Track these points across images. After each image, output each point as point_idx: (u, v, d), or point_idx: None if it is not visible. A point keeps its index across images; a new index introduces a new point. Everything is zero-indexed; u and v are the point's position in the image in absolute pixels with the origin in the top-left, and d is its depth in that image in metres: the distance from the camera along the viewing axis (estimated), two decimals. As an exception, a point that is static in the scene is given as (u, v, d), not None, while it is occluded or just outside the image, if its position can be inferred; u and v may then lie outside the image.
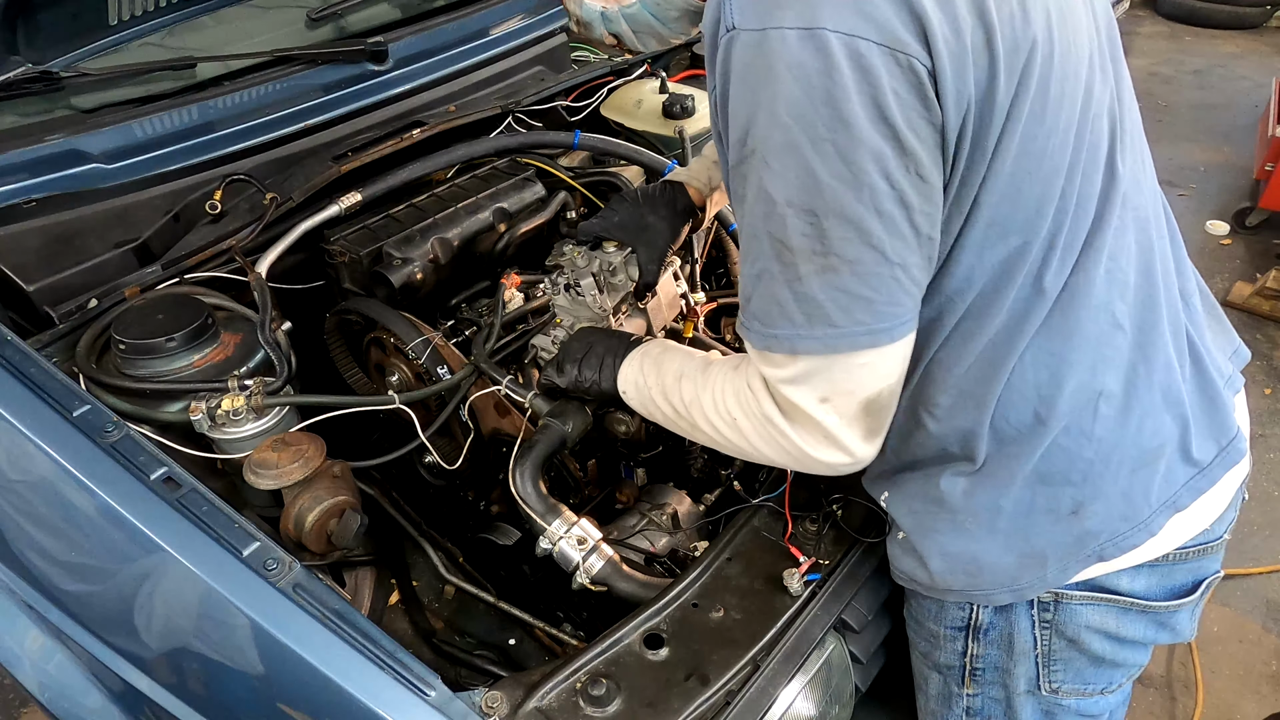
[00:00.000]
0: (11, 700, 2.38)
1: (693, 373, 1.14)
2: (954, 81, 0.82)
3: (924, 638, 1.22)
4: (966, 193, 0.90)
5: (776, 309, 0.91)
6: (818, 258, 0.86)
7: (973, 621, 1.14)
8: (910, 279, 0.89)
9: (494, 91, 2.17)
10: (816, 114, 0.80)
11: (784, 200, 0.85)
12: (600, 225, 1.46)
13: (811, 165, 0.82)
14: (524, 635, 1.49)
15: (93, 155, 1.65)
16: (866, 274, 0.86)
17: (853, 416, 0.95)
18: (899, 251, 0.86)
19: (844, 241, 0.85)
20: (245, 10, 1.98)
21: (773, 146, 0.84)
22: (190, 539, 1.08)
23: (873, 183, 0.82)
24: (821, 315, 0.88)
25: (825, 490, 1.35)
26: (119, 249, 1.63)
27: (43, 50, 1.69)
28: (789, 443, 0.99)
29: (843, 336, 0.89)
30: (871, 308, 0.88)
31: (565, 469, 1.54)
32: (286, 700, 1.06)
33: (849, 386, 0.93)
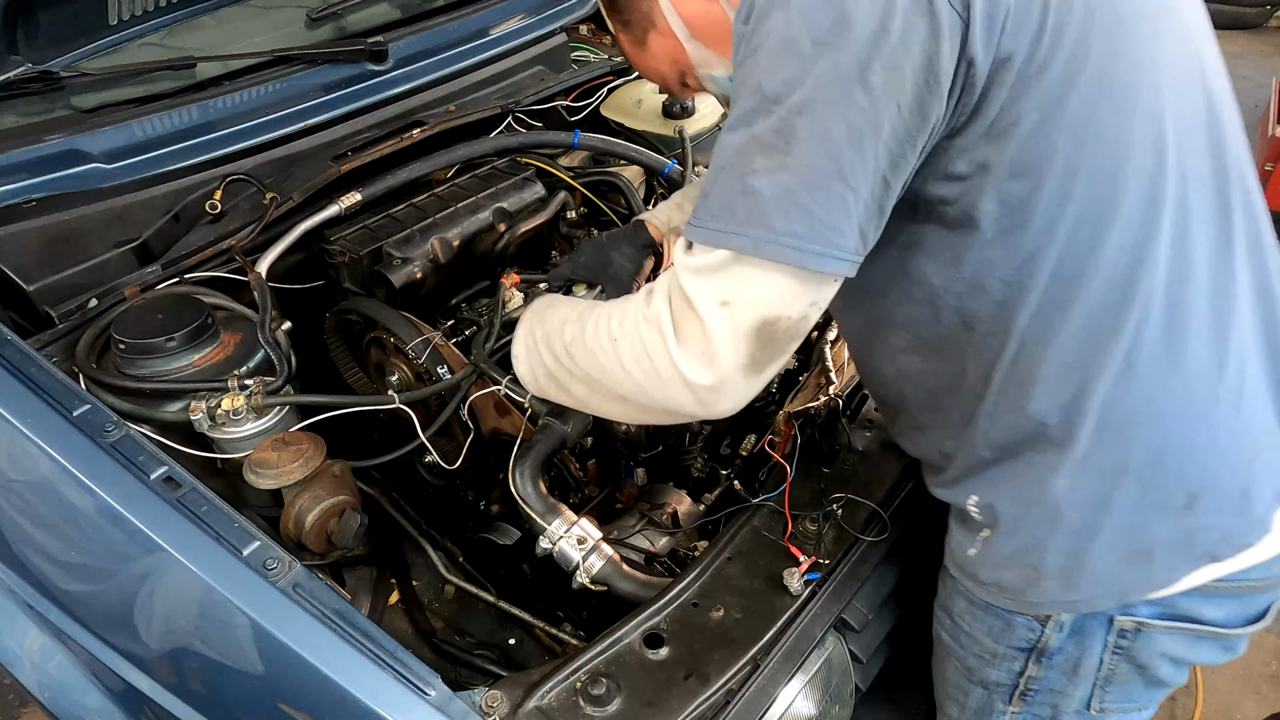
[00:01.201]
0: (11, 700, 2.38)
1: (576, 316, 1.12)
2: (984, 25, 0.81)
3: (975, 654, 1.17)
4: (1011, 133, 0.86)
5: (722, 202, 0.89)
6: (777, 155, 0.84)
7: (1040, 643, 1.09)
8: (857, 208, 0.86)
9: (494, 91, 2.17)
10: (823, 16, 0.81)
11: (769, 94, 0.84)
12: (569, 269, 1.54)
13: (803, 63, 0.82)
14: (524, 635, 1.49)
15: (93, 155, 1.65)
16: (816, 184, 0.84)
17: (743, 333, 0.91)
18: (854, 172, 0.84)
19: (807, 149, 0.83)
20: (245, 10, 1.98)
21: (773, 42, 0.84)
22: (190, 539, 1.08)
23: (851, 93, 0.81)
24: (759, 213, 0.86)
25: (825, 490, 1.35)
26: (119, 249, 1.63)
27: (43, 50, 1.68)
28: (662, 352, 0.95)
29: (771, 242, 0.86)
30: (811, 222, 0.85)
31: (565, 469, 1.54)
32: (286, 700, 1.06)
33: (753, 297, 0.89)
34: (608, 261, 1.52)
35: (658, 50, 1.18)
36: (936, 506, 1.43)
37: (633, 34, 1.19)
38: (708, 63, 1.16)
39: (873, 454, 1.43)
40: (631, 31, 1.18)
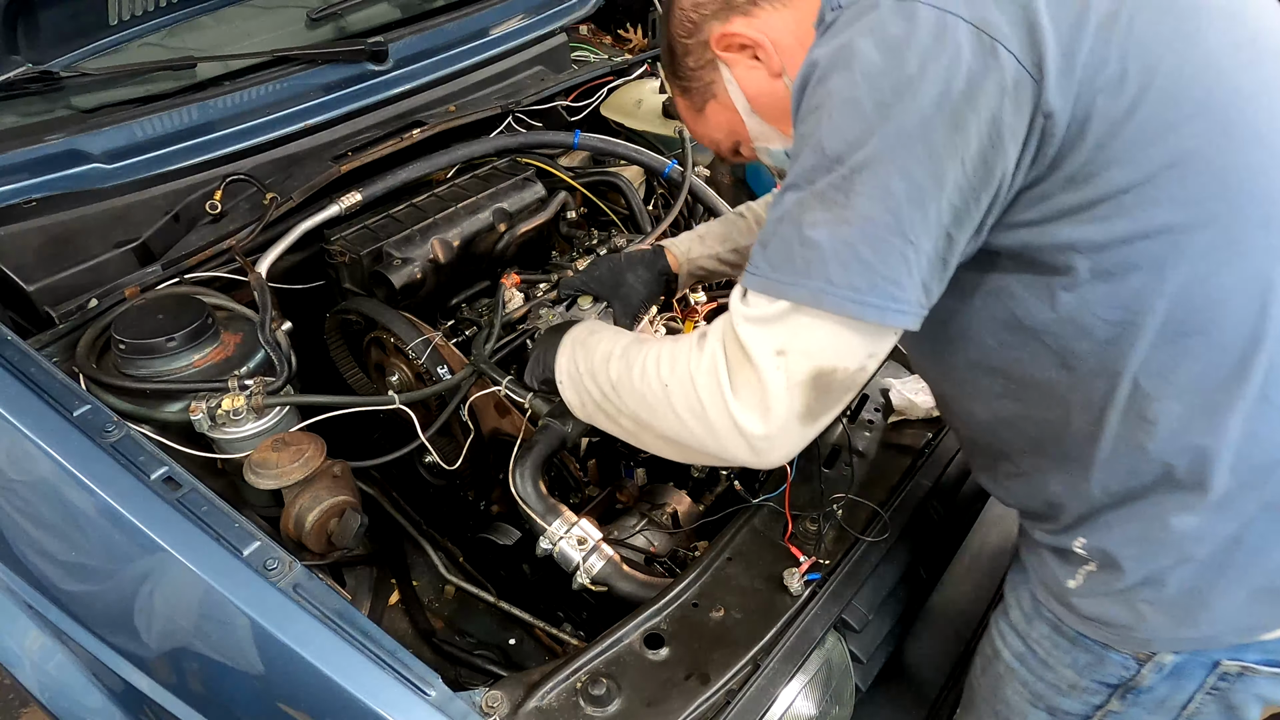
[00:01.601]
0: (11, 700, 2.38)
1: (620, 351, 1.12)
2: (1060, 78, 0.81)
3: (1049, 681, 1.14)
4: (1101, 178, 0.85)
5: (781, 252, 0.89)
6: (837, 208, 0.85)
7: (1132, 681, 1.07)
8: (918, 263, 0.86)
9: (494, 91, 2.17)
10: (887, 76, 0.82)
11: (830, 152, 0.85)
12: (581, 280, 1.54)
13: (865, 122, 0.83)
14: (524, 635, 1.49)
15: (93, 155, 1.65)
16: (876, 238, 0.84)
17: (798, 383, 0.90)
18: (914, 227, 0.84)
19: (868, 203, 0.84)
20: (245, 10, 1.98)
21: (838, 99, 0.85)
22: (190, 539, 1.08)
23: (913, 151, 0.82)
24: (820, 267, 0.86)
25: (825, 490, 1.35)
26: (119, 249, 1.63)
27: (43, 50, 1.68)
28: (716, 401, 0.94)
29: (829, 293, 0.86)
30: (870, 275, 0.85)
31: (565, 469, 1.54)
32: (286, 700, 1.06)
33: (810, 347, 0.89)
34: (621, 281, 1.51)
35: (715, 120, 1.19)
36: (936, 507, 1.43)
37: (691, 100, 1.19)
38: (766, 137, 1.17)
39: (873, 454, 1.44)
40: (690, 98, 1.19)
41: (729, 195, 2.21)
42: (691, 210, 2.05)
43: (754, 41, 1.07)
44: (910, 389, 1.53)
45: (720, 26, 1.08)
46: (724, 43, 1.09)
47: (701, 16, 1.10)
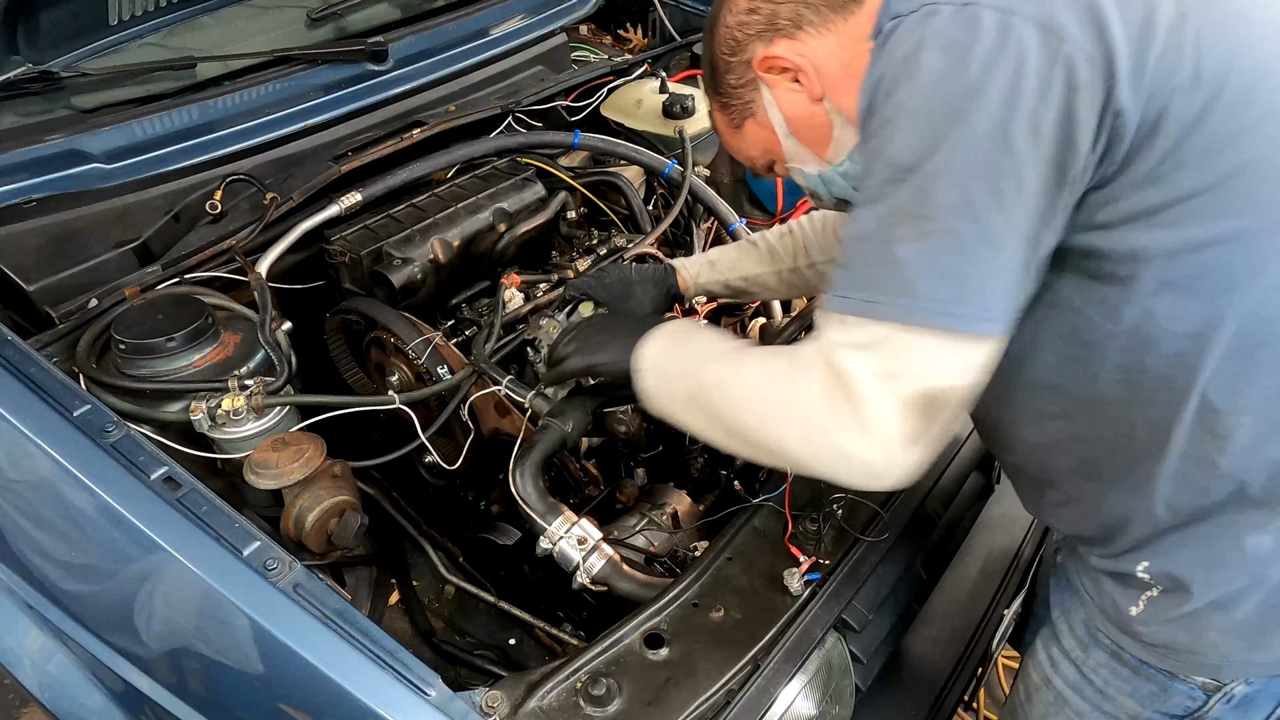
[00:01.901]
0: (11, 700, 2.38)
1: (728, 354, 1.07)
2: (1131, 76, 0.80)
3: (1106, 711, 1.13)
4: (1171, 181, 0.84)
5: (866, 272, 0.87)
6: (921, 223, 0.83)
7: (1198, 713, 1.05)
8: (1008, 268, 0.84)
9: (494, 91, 2.17)
10: (953, 82, 0.81)
11: (903, 164, 0.84)
12: (589, 284, 1.52)
13: (937, 129, 0.82)
14: (524, 635, 1.49)
15: (93, 155, 1.65)
16: (964, 249, 0.82)
17: (905, 405, 0.86)
18: (1001, 234, 0.82)
19: (950, 214, 0.82)
20: (245, 10, 1.98)
21: (906, 111, 0.84)
22: (190, 539, 1.08)
23: (990, 156, 0.81)
24: (908, 284, 0.83)
25: (825, 490, 1.35)
26: (119, 249, 1.63)
27: (43, 50, 1.68)
28: (820, 429, 0.90)
29: (922, 310, 0.83)
30: (960, 286, 0.83)
31: (565, 469, 1.54)
32: (286, 700, 1.06)
33: (912, 368, 0.85)
34: (630, 294, 1.52)
35: (753, 138, 1.19)
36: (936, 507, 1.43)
37: (730, 117, 1.19)
38: (800, 159, 1.17)
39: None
40: (729, 114, 1.19)
41: (729, 195, 2.21)
42: (691, 210, 2.05)
43: (796, 66, 1.06)
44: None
45: (763, 48, 1.08)
46: (766, 65, 1.09)
47: (746, 36, 1.10)
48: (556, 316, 1.55)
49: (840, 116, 1.09)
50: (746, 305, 1.91)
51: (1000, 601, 1.61)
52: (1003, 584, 1.64)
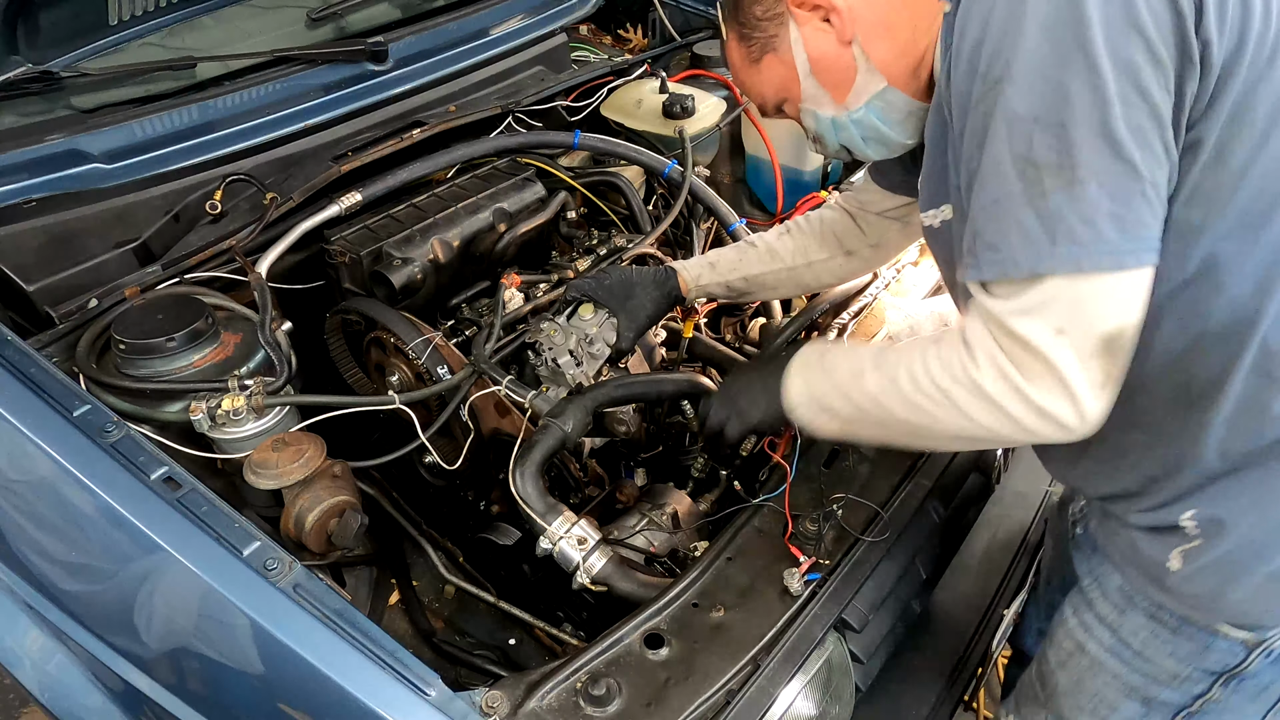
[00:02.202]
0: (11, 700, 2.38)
1: (871, 365, 1.07)
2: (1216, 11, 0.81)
3: (1145, 673, 1.14)
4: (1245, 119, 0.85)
5: (1016, 232, 0.87)
6: (1066, 171, 0.83)
7: (1239, 668, 1.06)
8: (1158, 198, 0.85)
9: (494, 91, 2.17)
10: (1066, 26, 0.81)
11: (1031, 117, 0.84)
12: (591, 285, 1.54)
13: (1061, 78, 0.82)
14: (524, 635, 1.49)
15: (93, 155, 1.65)
16: (1115, 189, 0.83)
17: (1090, 353, 0.87)
18: (1149, 166, 0.83)
19: (1093, 154, 0.82)
20: (245, 10, 1.98)
21: (1021, 65, 0.83)
22: (190, 539, 1.08)
23: (1124, 93, 0.81)
24: (1066, 231, 0.84)
25: (825, 490, 1.35)
26: (119, 249, 1.63)
27: (43, 50, 1.68)
28: (1012, 397, 0.90)
29: (1088, 254, 0.84)
30: (1120, 224, 0.83)
31: (565, 469, 1.54)
32: (286, 700, 1.06)
33: (1089, 315, 0.86)
34: (631, 295, 1.53)
35: (769, 73, 1.18)
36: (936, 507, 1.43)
37: (748, 49, 1.18)
38: (817, 101, 1.17)
39: (873, 454, 1.43)
40: (748, 46, 1.18)
41: (729, 195, 2.21)
42: (691, 210, 2.05)
43: (830, 4, 1.06)
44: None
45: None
46: (800, 0, 1.09)
47: None
48: (557, 319, 1.55)
49: (867, 63, 1.09)
50: (746, 306, 1.91)
51: (1000, 601, 1.61)
52: (1003, 584, 1.64)
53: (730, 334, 1.91)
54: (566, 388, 1.51)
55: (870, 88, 1.11)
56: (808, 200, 2.17)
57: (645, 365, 1.70)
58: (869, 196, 1.51)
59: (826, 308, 1.73)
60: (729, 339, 1.87)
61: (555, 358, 1.51)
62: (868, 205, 1.52)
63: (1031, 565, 1.69)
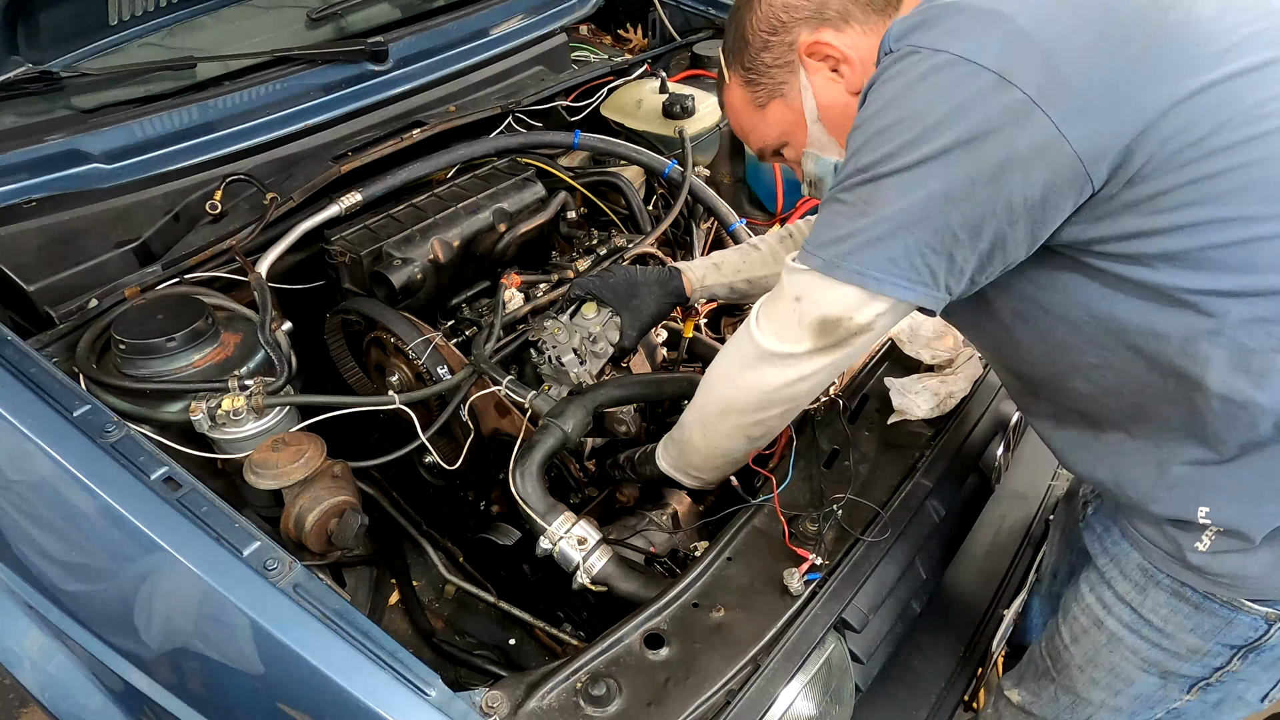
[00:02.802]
0: (11, 700, 2.38)
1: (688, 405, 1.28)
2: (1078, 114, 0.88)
3: (1165, 648, 1.17)
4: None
5: (818, 231, 1.02)
6: (860, 205, 0.96)
7: (1259, 641, 1.10)
8: (924, 257, 0.95)
9: (494, 91, 2.17)
10: (912, 109, 0.92)
11: (863, 163, 0.96)
12: (594, 284, 1.55)
13: (893, 144, 0.93)
14: (524, 635, 1.49)
15: (93, 155, 1.65)
16: (886, 233, 0.95)
17: (809, 324, 1.05)
18: (926, 231, 0.94)
19: (885, 203, 0.94)
20: (245, 10, 1.98)
21: (874, 124, 0.95)
22: (190, 539, 1.08)
23: (934, 171, 0.91)
24: (836, 245, 0.99)
25: (825, 490, 1.35)
26: (119, 249, 1.63)
27: (43, 50, 1.68)
28: (745, 338, 1.11)
29: (838, 267, 0.99)
30: (876, 258, 0.96)
31: (565, 469, 1.54)
32: (286, 700, 1.06)
33: (818, 298, 1.02)
34: (635, 294, 1.54)
35: (775, 118, 1.23)
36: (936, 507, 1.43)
37: (754, 93, 1.22)
38: (823, 146, 1.23)
39: (873, 454, 1.43)
40: (753, 91, 1.22)
41: (729, 195, 2.21)
42: (691, 210, 2.05)
43: (844, 57, 1.13)
44: (910, 389, 1.53)
45: (810, 34, 1.13)
46: (813, 50, 1.14)
47: (792, 19, 1.14)
48: (560, 318, 1.55)
49: None
50: (746, 306, 1.91)
51: (1000, 601, 1.61)
52: (1003, 584, 1.64)
53: (730, 334, 1.91)
54: (568, 387, 1.51)
55: None
56: (808, 200, 2.18)
57: (648, 365, 1.70)
58: None
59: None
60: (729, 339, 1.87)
61: (559, 355, 1.51)
62: None
63: (1032, 565, 1.69)
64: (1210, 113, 0.89)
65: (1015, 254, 0.97)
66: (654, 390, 1.50)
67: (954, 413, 1.54)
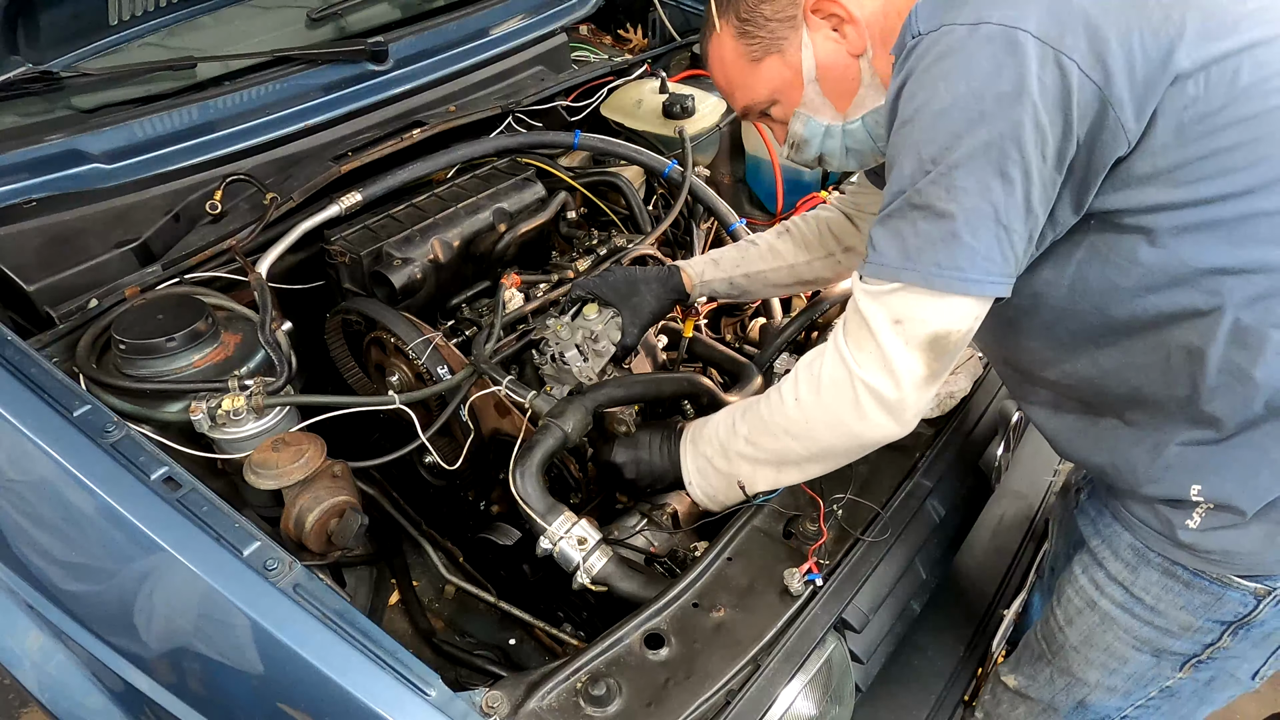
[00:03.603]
0: (11, 700, 2.38)
1: (741, 413, 1.24)
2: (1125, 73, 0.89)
3: (1157, 625, 1.19)
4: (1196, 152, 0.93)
5: (895, 245, 1.00)
6: (940, 204, 0.96)
7: (1249, 617, 1.12)
8: (1011, 243, 0.96)
9: (494, 91, 2.17)
10: (966, 84, 0.92)
11: (928, 156, 0.96)
12: (595, 284, 1.56)
13: (956, 126, 0.93)
14: (524, 635, 1.49)
15: (93, 155, 1.65)
16: (976, 225, 0.95)
17: (917, 345, 1.02)
18: (1009, 214, 0.95)
19: (965, 192, 0.94)
20: (245, 10, 1.98)
21: (928, 112, 0.95)
22: (190, 539, 1.08)
23: (1004, 147, 0.91)
24: (929, 254, 0.97)
25: (825, 490, 1.35)
26: (119, 249, 1.63)
27: (43, 50, 1.68)
28: (846, 384, 1.06)
29: (938, 275, 0.97)
30: (972, 257, 0.96)
31: (565, 469, 1.54)
32: (286, 700, 1.06)
33: (924, 315, 1.00)
34: (635, 293, 1.54)
35: (769, 74, 1.19)
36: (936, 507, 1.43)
37: (749, 46, 1.18)
38: (817, 108, 1.20)
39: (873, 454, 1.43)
40: (749, 43, 1.18)
41: (729, 195, 2.21)
42: (691, 210, 2.05)
43: (850, 17, 1.10)
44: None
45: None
46: (818, 7, 1.11)
47: None
48: (563, 318, 1.55)
49: (873, 76, 1.14)
50: (746, 306, 1.91)
51: (1000, 601, 1.61)
52: (1003, 584, 1.64)
53: (730, 334, 1.91)
54: (570, 386, 1.51)
55: (870, 102, 1.15)
56: (807, 200, 2.18)
57: (649, 365, 1.70)
58: (864, 198, 1.53)
59: (827, 307, 1.73)
60: (729, 339, 1.87)
61: (562, 352, 1.51)
62: (863, 206, 1.54)
63: (1032, 564, 1.69)
64: (1227, 83, 0.92)
65: (1064, 222, 1.00)
66: (654, 390, 1.50)
67: (954, 412, 1.54)
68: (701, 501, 1.36)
